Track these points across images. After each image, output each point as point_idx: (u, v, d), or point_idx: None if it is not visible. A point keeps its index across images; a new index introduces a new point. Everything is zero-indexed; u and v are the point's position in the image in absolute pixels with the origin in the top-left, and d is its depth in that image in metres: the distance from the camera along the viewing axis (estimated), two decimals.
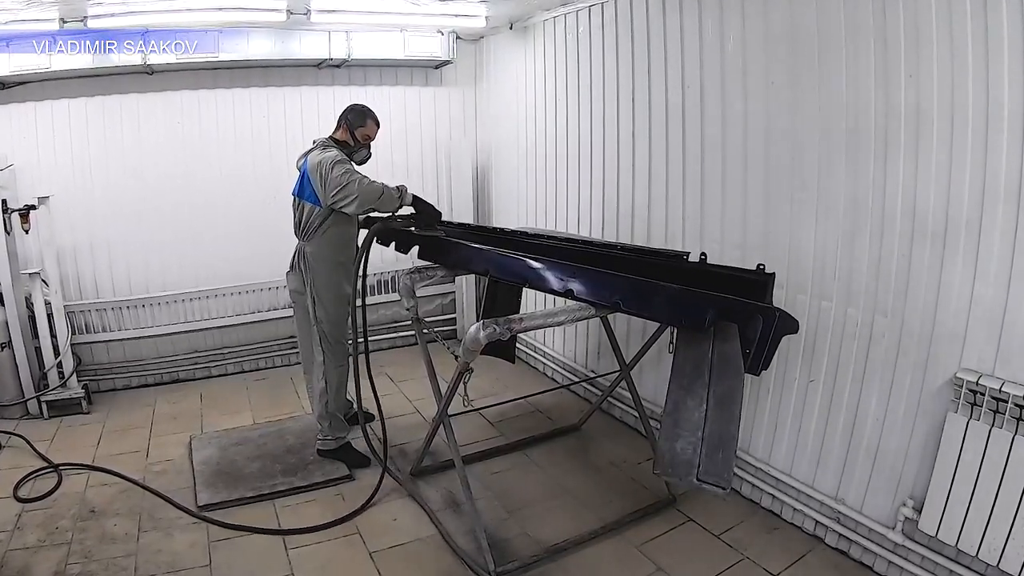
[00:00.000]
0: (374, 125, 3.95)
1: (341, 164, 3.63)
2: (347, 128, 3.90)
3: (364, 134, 3.91)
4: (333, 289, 3.85)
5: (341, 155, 3.72)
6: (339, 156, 3.69)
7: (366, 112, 3.94)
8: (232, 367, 5.60)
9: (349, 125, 3.90)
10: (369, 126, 3.92)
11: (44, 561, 3.10)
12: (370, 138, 3.95)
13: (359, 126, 3.89)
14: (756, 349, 2.54)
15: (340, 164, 3.63)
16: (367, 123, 3.91)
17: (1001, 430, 2.44)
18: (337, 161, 3.63)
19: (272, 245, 5.23)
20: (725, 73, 3.46)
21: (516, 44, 5.39)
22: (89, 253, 5.09)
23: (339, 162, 3.63)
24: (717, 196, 3.60)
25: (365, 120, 3.91)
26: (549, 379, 5.36)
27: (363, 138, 3.92)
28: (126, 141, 5.06)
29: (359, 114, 3.92)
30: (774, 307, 2.59)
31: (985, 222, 2.47)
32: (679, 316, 2.78)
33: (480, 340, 2.85)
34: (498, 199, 6.07)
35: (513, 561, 3.10)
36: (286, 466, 3.94)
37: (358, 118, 3.90)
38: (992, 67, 2.39)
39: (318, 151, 3.76)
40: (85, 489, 3.73)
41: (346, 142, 3.90)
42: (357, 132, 3.90)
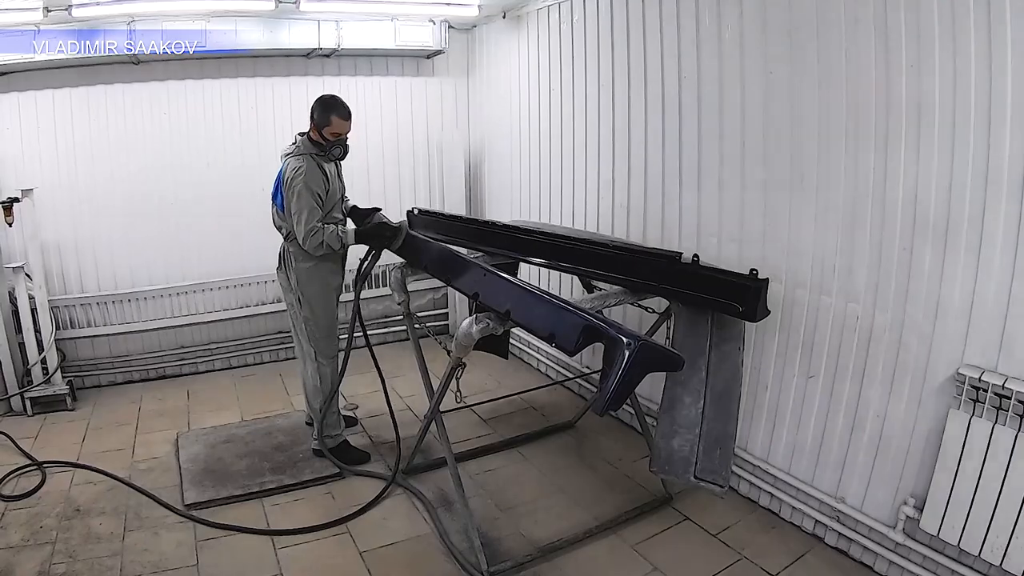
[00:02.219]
0: (341, 120, 3.69)
1: (300, 199, 3.56)
2: (315, 128, 3.70)
3: (332, 132, 3.68)
4: (318, 286, 3.82)
5: (305, 178, 3.58)
6: (301, 184, 3.56)
7: (330, 106, 3.69)
8: (219, 363, 5.58)
9: (316, 125, 3.69)
10: (335, 123, 3.67)
11: (28, 561, 3.07)
12: (340, 135, 3.72)
13: (324, 126, 3.67)
14: (607, 383, 2.32)
15: (299, 199, 3.56)
16: (331, 120, 3.66)
17: (1004, 427, 2.42)
18: (298, 192, 3.55)
19: (260, 239, 5.16)
20: (723, 63, 3.43)
21: (510, 33, 5.35)
22: (74, 247, 5.05)
23: (299, 194, 3.56)
24: (714, 189, 3.57)
25: (329, 118, 3.66)
26: (543, 375, 5.35)
27: (332, 136, 3.69)
28: (112, 132, 5.01)
29: (323, 111, 3.68)
30: (640, 337, 2.33)
31: (988, 215, 2.45)
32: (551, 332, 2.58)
33: (473, 335, 2.84)
34: (491, 192, 6.04)
35: (506, 560, 3.09)
36: (275, 464, 3.92)
37: (322, 117, 3.67)
38: (995, 57, 2.36)
39: (294, 161, 3.64)
40: (70, 487, 3.71)
41: (319, 141, 3.72)
42: (324, 132, 3.68)
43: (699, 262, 3.03)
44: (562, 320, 2.52)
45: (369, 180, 5.67)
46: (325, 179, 3.70)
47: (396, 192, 5.86)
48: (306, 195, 3.56)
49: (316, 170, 3.66)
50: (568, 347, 2.44)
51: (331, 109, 3.68)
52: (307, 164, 3.62)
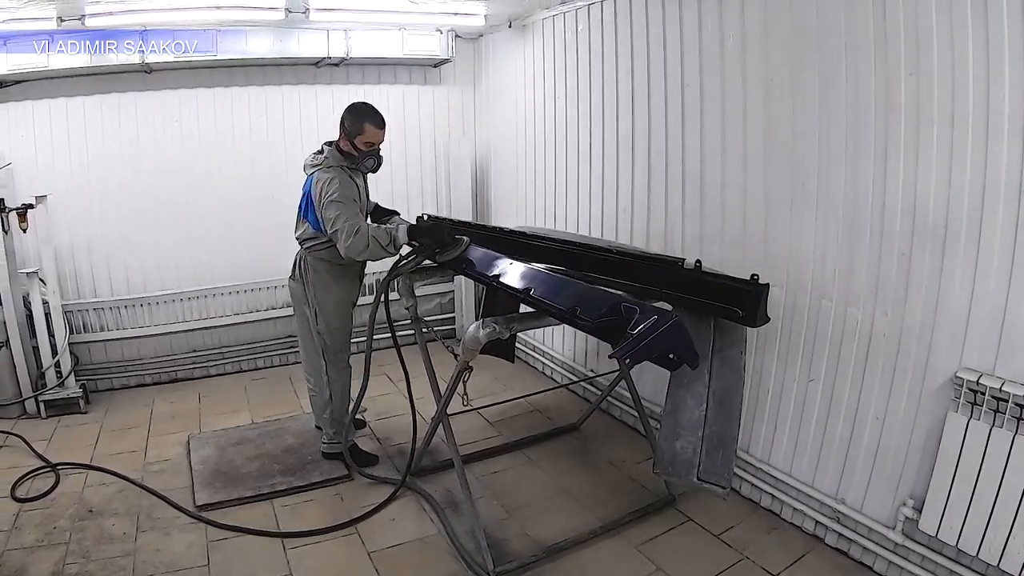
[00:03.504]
0: (375, 129, 3.51)
1: (335, 204, 3.39)
2: (346, 137, 3.54)
3: (365, 142, 3.51)
4: (334, 298, 3.78)
5: (339, 188, 3.44)
6: (336, 193, 3.40)
7: (363, 113, 3.52)
8: (230, 366, 5.61)
9: (347, 134, 3.52)
10: (369, 132, 3.49)
11: (42, 561, 3.10)
12: (373, 144, 3.54)
13: (357, 134, 3.49)
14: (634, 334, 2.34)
15: (334, 204, 3.39)
16: (365, 128, 3.48)
17: (1001, 429, 2.43)
18: (332, 200, 3.39)
19: (270, 244, 5.31)
20: (725, 72, 3.46)
21: (515, 42, 5.39)
22: (87, 252, 5.10)
23: (333, 201, 3.39)
24: (717, 195, 3.60)
25: (363, 126, 3.48)
26: (548, 378, 5.37)
27: (365, 146, 3.52)
28: (124, 140, 5.06)
29: (356, 119, 3.50)
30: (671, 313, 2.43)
31: (985, 220, 2.47)
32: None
33: (480, 339, 2.86)
34: (497, 198, 6.07)
35: (512, 561, 3.11)
36: (284, 466, 3.95)
37: (355, 125, 3.49)
38: (993, 65, 2.38)
39: (324, 176, 3.47)
40: (83, 489, 3.74)
41: (350, 152, 3.57)
42: (357, 141, 3.50)
43: (701, 267, 3.03)
44: (593, 296, 2.61)
45: (377, 187, 5.61)
46: (357, 193, 3.58)
47: (404, 198, 5.88)
48: (342, 201, 3.41)
49: (349, 181, 3.53)
50: (590, 318, 2.49)
51: (364, 116, 3.51)
52: (339, 176, 3.49)
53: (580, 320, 2.53)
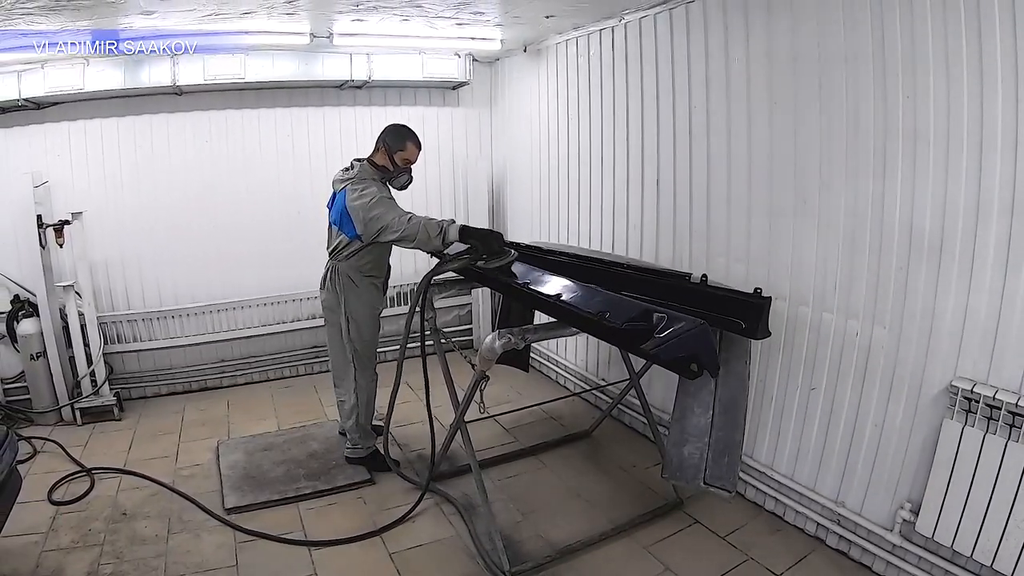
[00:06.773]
0: (415, 148, 3.71)
1: (381, 203, 3.48)
2: (386, 152, 3.70)
3: (404, 158, 3.69)
4: (366, 308, 3.87)
5: (381, 192, 3.56)
6: (378, 196, 3.51)
7: (406, 134, 3.71)
8: (258, 375, 5.72)
9: (388, 149, 3.69)
10: (409, 149, 3.69)
11: (77, 562, 3.21)
12: (410, 162, 3.73)
13: (398, 150, 3.68)
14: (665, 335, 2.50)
15: (380, 203, 3.47)
16: (407, 146, 3.69)
17: (995, 436, 2.50)
18: (377, 200, 3.48)
19: (296, 259, 5.41)
20: (730, 94, 3.54)
21: (530, 66, 5.48)
22: (120, 266, 5.22)
23: (379, 201, 3.48)
24: (723, 211, 3.67)
25: (405, 143, 3.68)
26: (562, 387, 5.42)
27: (403, 162, 3.70)
28: (156, 159, 5.19)
29: (398, 137, 3.69)
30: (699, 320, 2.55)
31: (979, 236, 2.53)
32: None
33: (496, 349, 2.93)
34: (512, 214, 6.15)
35: (527, 562, 3.17)
36: (309, 471, 4.03)
37: (397, 141, 3.68)
38: (986, 88, 2.46)
39: (357, 187, 3.57)
40: (117, 492, 3.85)
41: (385, 166, 3.72)
42: (396, 156, 3.69)
43: (707, 281, 3.11)
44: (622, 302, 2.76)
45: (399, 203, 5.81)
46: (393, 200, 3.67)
47: (424, 214, 5.91)
48: (384, 201, 3.49)
49: (385, 189, 3.67)
50: (618, 321, 2.61)
51: (407, 136, 3.71)
52: (375, 184, 3.62)
53: (609, 323, 2.63)
